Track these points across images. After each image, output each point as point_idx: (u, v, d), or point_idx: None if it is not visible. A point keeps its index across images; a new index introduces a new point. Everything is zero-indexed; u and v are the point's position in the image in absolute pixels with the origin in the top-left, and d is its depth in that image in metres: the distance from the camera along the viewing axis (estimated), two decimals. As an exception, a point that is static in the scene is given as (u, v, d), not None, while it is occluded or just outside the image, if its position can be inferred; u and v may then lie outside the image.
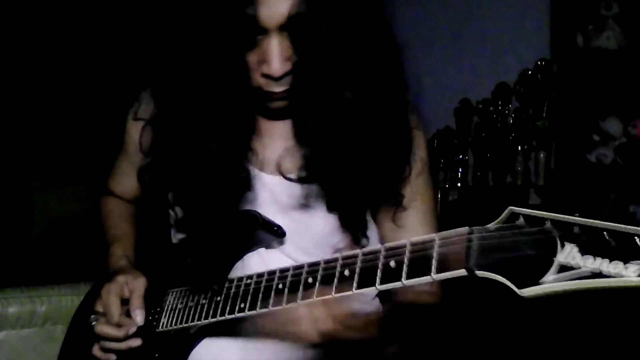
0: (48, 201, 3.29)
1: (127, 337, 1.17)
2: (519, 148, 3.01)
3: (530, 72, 3.01)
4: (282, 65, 1.01)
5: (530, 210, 0.73)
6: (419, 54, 3.31)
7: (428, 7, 3.47)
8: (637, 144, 2.62)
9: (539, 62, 2.98)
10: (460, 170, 3.27)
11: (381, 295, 0.89)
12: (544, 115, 2.96)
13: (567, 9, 2.86)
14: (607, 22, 2.71)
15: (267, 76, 1.03)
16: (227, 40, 1.01)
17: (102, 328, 1.18)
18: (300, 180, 1.14)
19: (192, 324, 1.11)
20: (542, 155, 2.95)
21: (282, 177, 1.15)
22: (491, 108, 3.16)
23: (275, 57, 0.99)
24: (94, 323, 1.20)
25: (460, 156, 3.28)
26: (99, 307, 1.21)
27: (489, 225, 0.76)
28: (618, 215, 0.66)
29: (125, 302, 1.19)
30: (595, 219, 0.67)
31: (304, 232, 1.17)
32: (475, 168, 3.22)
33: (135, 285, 1.18)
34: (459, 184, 3.25)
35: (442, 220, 1.24)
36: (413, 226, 1.18)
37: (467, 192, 3.22)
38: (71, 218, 3.21)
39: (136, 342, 1.17)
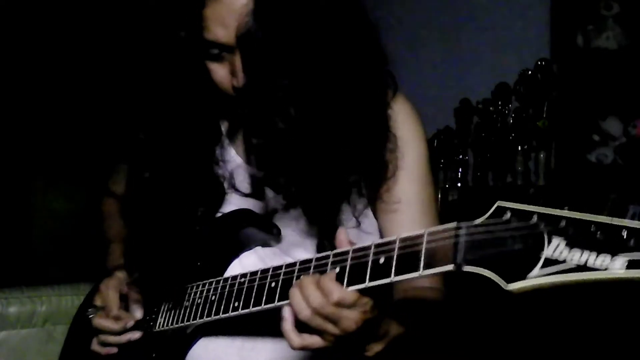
0: (48, 201, 3.30)
1: (125, 331, 1.18)
2: (519, 148, 3.01)
3: (530, 72, 3.01)
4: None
5: (518, 204, 0.73)
6: (419, 54, 3.31)
7: (428, 7, 3.47)
8: (637, 144, 2.62)
9: (539, 62, 2.98)
10: (460, 170, 3.27)
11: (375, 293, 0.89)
12: (544, 115, 2.96)
13: (567, 9, 2.87)
14: (607, 22, 2.71)
15: (236, 89, 1.05)
16: (189, 59, 1.06)
17: (100, 321, 1.19)
18: (251, 196, 1.16)
19: (189, 323, 1.11)
20: (542, 155, 2.95)
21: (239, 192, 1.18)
22: (491, 108, 3.15)
23: (239, 71, 1.02)
24: (91, 316, 1.21)
25: (460, 156, 3.28)
26: (98, 301, 1.22)
27: (476, 220, 0.76)
28: (618, 215, 0.66)
29: (123, 298, 1.20)
30: (582, 212, 0.67)
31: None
32: (475, 168, 3.22)
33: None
34: (459, 184, 3.25)
35: (442, 220, 1.23)
36: (400, 228, 1.14)
37: (467, 192, 3.22)
38: (71, 218, 3.21)
39: (135, 335, 1.18)
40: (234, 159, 1.21)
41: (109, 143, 1.43)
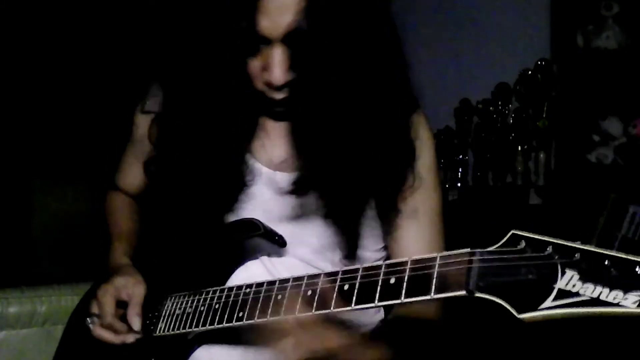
0: (48, 201, 3.29)
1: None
2: (519, 148, 3.01)
3: (530, 72, 3.01)
4: (283, 74, 1.05)
5: (532, 235, 0.73)
6: (419, 54, 3.31)
7: (428, 7, 3.47)
8: (637, 144, 2.62)
9: (539, 62, 2.98)
10: (460, 170, 3.27)
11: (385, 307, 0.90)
12: (544, 115, 2.96)
13: (567, 9, 2.87)
14: (607, 22, 2.71)
15: (268, 84, 1.06)
16: (230, 47, 1.05)
17: (100, 332, 1.19)
18: (295, 192, 1.16)
19: (190, 330, 1.10)
20: (542, 155, 2.95)
21: (276, 187, 1.18)
22: (491, 108, 3.16)
23: (276, 66, 1.04)
24: (90, 325, 1.20)
25: (460, 156, 3.29)
26: (95, 308, 1.21)
27: (490, 248, 0.76)
28: (618, 215, 0.66)
29: (120, 304, 1.19)
30: (598, 247, 0.67)
31: (299, 242, 1.18)
32: (475, 168, 3.22)
33: (135, 292, 1.18)
34: (459, 184, 3.25)
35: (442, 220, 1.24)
36: (410, 237, 1.19)
37: (467, 192, 3.22)
38: (71, 218, 3.21)
39: (129, 339, 1.17)
40: (251, 162, 1.21)
41: (114, 137, 1.42)
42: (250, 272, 1.16)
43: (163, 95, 1.24)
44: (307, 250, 1.19)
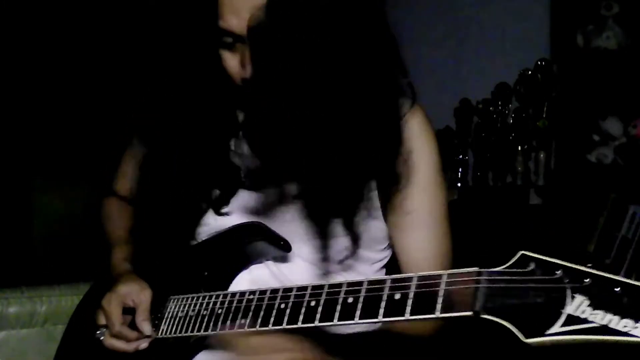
0: (48, 201, 3.29)
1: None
2: (519, 148, 3.01)
3: (530, 72, 3.01)
4: None
5: (542, 257, 0.71)
6: (419, 54, 3.31)
7: (428, 7, 3.47)
8: (637, 144, 2.62)
9: (539, 62, 2.98)
10: (460, 170, 3.27)
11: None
12: (544, 115, 2.96)
13: (567, 9, 2.87)
14: (607, 22, 2.71)
15: (244, 80, 1.06)
16: (200, 43, 1.08)
17: (111, 342, 1.18)
18: (259, 189, 1.16)
19: (192, 334, 1.09)
20: (542, 155, 2.95)
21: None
22: (491, 108, 3.16)
23: (248, 63, 1.03)
24: (101, 338, 1.20)
25: (460, 156, 3.28)
26: (102, 319, 1.20)
27: (498, 268, 0.74)
28: (618, 215, 0.65)
29: (126, 311, 1.19)
30: (607, 273, 0.65)
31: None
32: (475, 168, 3.22)
33: (142, 299, 1.17)
34: (459, 184, 3.25)
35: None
36: (414, 238, 1.17)
37: (467, 192, 3.22)
38: (71, 218, 3.21)
39: (143, 345, 1.17)
40: (246, 150, 1.20)
41: (113, 141, 1.42)
42: (255, 276, 1.15)
43: (148, 99, 1.25)
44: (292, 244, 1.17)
